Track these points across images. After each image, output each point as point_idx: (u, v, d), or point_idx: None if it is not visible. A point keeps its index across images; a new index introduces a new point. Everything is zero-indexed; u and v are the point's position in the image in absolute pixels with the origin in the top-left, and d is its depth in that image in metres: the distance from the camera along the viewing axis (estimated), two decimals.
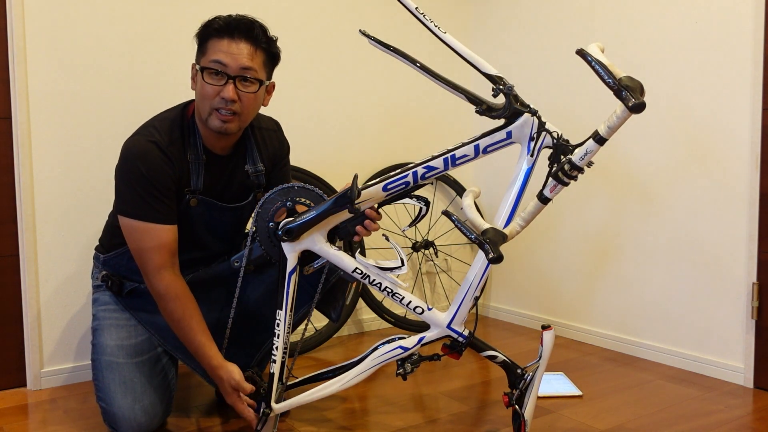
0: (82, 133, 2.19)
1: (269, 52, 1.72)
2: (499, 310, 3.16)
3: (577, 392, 2.09)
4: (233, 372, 1.63)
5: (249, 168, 1.82)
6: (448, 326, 1.61)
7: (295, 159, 2.58)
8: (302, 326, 2.33)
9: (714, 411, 1.96)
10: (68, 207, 2.17)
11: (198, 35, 1.70)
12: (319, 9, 2.70)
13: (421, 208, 1.61)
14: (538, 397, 2.04)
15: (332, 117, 2.76)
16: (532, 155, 1.51)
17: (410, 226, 1.64)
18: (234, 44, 1.64)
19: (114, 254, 1.84)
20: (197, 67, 1.69)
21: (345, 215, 1.60)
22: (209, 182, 1.77)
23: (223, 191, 1.81)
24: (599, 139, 1.42)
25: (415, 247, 2.92)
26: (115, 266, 1.84)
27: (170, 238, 1.67)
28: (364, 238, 1.65)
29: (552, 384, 2.15)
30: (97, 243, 1.93)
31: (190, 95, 2.35)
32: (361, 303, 2.82)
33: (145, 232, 1.64)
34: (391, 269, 1.59)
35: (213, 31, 1.66)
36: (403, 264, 1.58)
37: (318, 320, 2.65)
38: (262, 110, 1.83)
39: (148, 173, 1.63)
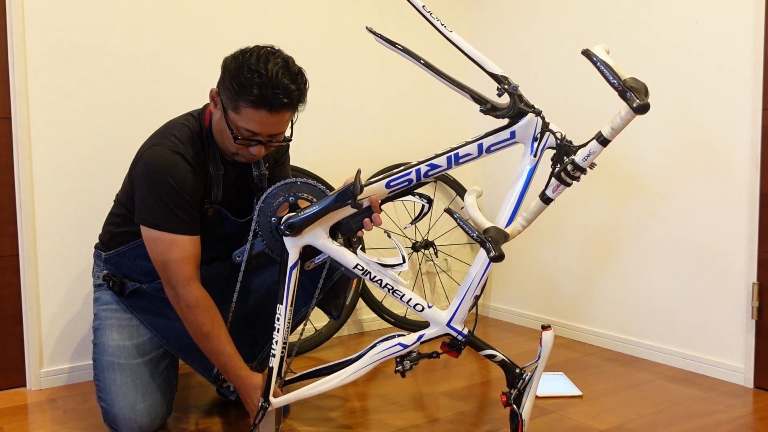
0: (81, 133, 2.18)
1: (303, 103, 1.63)
2: (499, 309, 3.17)
3: (577, 392, 2.09)
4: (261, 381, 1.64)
5: (255, 172, 1.83)
6: (448, 324, 1.61)
7: (297, 159, 2.58)
8: (301, 326, 2.33)
9: (714, 411, 1.96)
10: (68, 207, 2.17)
11: (230, 83, 1.55)
12: (323, 6, 2.70)
13: (423, 206, 1.61)
14: (539, 397, 2.04)
15: (334, 116, 2.76)
16: (535, 155, 1.51)
17: (412, 223, 1.64)
18: (270, 116, 1.55)
19: (115, 252, 1.83)
20: (221, 103, 1.61)
21: (347, 211, 1.60)
22: (226, 192, 1.78)
23: (236, 197, 1.82)
24: (602, 141, 1.42)
25: (415, 247, 2.92)
26: (117, 264, 1.84)
27: (197, 250, 1.65)
28: (366, 236, 1.64)
29: (552, 384, 2.15)
30: (97, 241, 1.92)
31: (190, 95, 2.35)
32: (361, 303, 2.82)
33: (173, 244, 1.61)
34: (392, 266, 1.59)
35: (249, 101, 1.53)
36: (404, 261, 1.58)
37: (318, 320, 2.65)
38: None
39: (177, 185, 1.61)
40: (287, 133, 1.67)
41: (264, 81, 1.51)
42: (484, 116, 1.54)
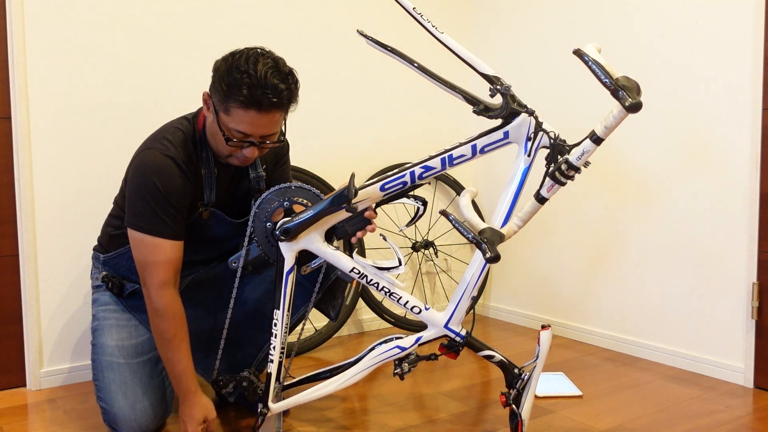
0: (81, 133, 2.19)
1: (294, 103, 1.63)
2: (499, 310, 3.16)
3: (577, 392, 2.09)
4: (208, 407, 1.65)
5: (252, 173, 1.83)
6: (446, 326, 1.61)
7: (295, 159, 2.58)
8: (299, 326, 2.34)
9: (714, 411, 1.96)
10: (68, 207, 2.18)
11: (220, 85, 1.55)
12: (318, 9, 2.70)
13: (418, 208, 1.61)
14: (539, 397, 2.04)
15: (331, 117, 2.76)
16: (529, 155, 1.51)
17: (408, 225, 1.64)
18: (260, 116, 1.55)
19: (114, 254, 1.84)
20: (213, 105, 1.61)
21: (342, 215, 1.60)
22: (220, 194, 1.78)
23: (231, 199, 1.82)
24: (596, 139, 1.42)
25: (415, 247, 2.92)
26: (116, 266, 1.85)
27: (177, 255, 1.65)
28: (363, 238, 1.64)
29: (552, 384, 2.15)
30: (96, 243, 1.93)
31: (189, 95, 2.36)
32: (360, 303, 2.82)
33: (154, 247, 1.61)
34: (388, 269, 1.59)
35: (239, 102, 1.53)
36: (400, 264, 1.58)
37: (318, 320, 2.65)
38: None
39: (165, 189, 1.61)
40: (280, 134, 1.67)
41: (253, 81, 1.51)
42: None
